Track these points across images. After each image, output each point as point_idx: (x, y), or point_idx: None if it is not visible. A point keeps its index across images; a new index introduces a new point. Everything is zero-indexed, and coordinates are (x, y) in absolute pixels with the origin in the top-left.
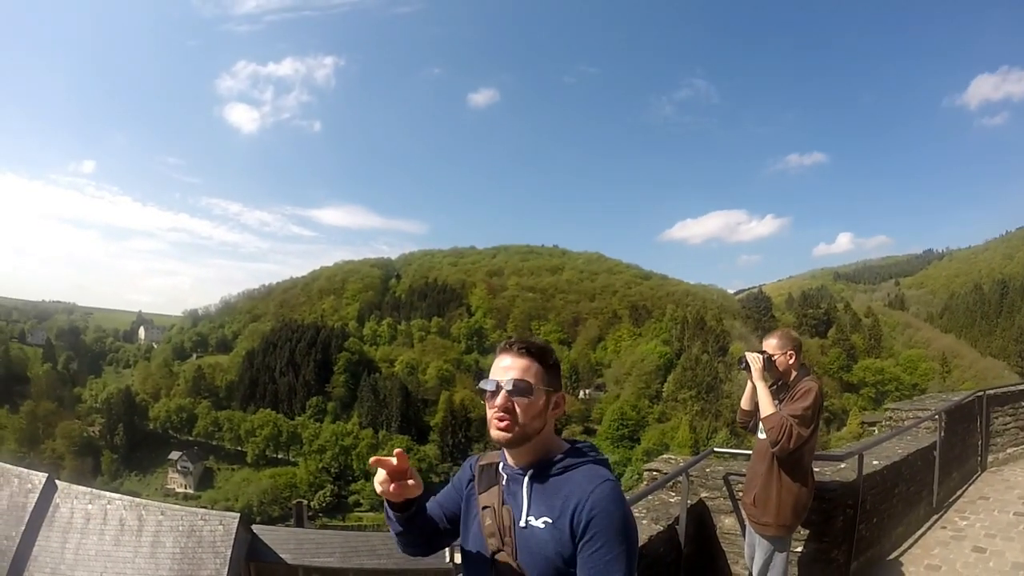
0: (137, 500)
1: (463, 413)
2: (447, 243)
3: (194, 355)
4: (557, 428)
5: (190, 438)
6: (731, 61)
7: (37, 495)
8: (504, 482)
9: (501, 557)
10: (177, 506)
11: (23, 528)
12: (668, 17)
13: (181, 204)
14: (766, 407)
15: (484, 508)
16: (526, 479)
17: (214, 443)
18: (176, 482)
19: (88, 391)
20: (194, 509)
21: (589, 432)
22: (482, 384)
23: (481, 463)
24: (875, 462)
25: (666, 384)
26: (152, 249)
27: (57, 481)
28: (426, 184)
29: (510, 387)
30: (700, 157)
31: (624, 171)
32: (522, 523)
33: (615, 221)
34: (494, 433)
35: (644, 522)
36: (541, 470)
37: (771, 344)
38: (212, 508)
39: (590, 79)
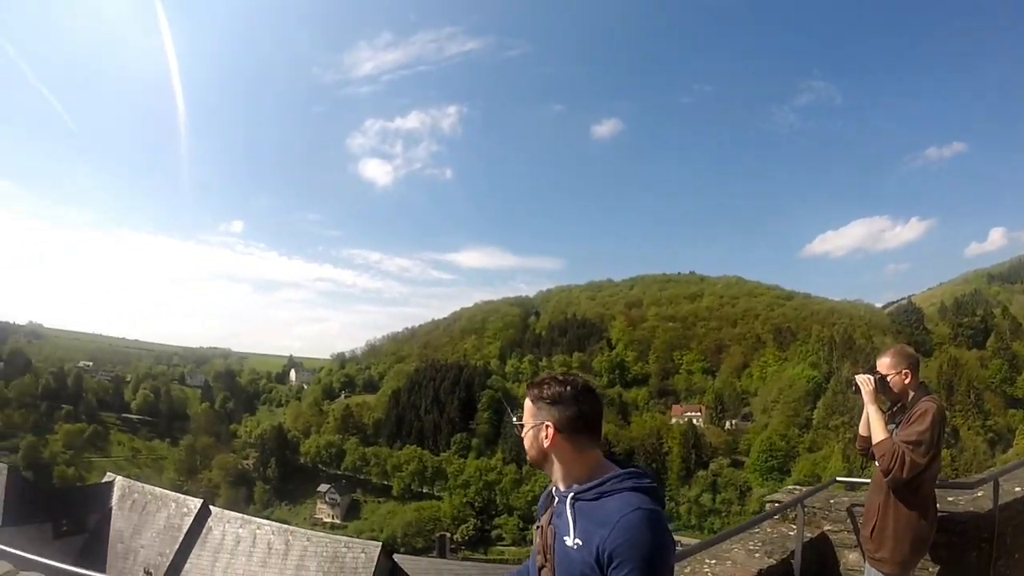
0: (285, 526)
1: (607, 447)
2: (583, 277)
3: (342, 395)
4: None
5: (338, 472)
6: (848, 56)
7: (192, 518)
8: (555, 504)
9: (544, 573)
10: (322, 533)
11: (176, 547)
12: (774, 20)
13: (324, 256)
14: (877, 432)
15: (537, 527)
16: (568, 501)
17: (361, 477)
18: (324, 512)
19: (243, 428)
20: (338, 537)
21: (737, 464)
22: None
23: (549, 488)
24: (1017, 489)
25: (816, 410)
26: (300, 298)
27: (211, 507)
28: (558, 220)
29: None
30: (832, 163)
31: (755, 188)
32: (563, 542)
33: (751, 241)
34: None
35: (757, 555)
36: (580, 493)
37: (884, 363)
38: (343, 537)
39: (707, 97)
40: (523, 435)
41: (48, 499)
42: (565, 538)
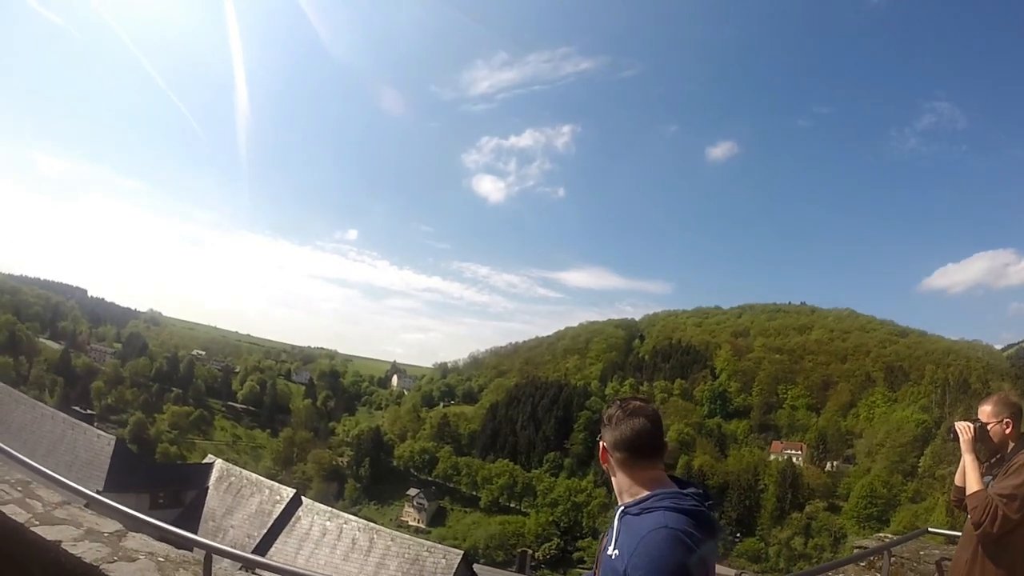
0: (371, 524)
1: (701, 479)
2: (691, 303)
3: (441, 404)
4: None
5: (429, 478)
6: (973, 76)
7: (283, 506)
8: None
9: None
10: (406, 535)
11: (265, 531)
12: (897, 38)
13: (434, 267)
14: (972, 483)
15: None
16: (617, 514)
17: (451, 485)
18: (410, 516)
19: (341, 426)
20: (421, 540)
21: (834, 509)
22: None
23: None
24: None
25: (923, 457)
26: (408, 307)
27: (303, 497)
28: (669, 243)
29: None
30: (955, 191)
31: (873, 215)
32: (606, 551)
33: (867, 272)
34: None
35: None
36: (628, 508)
37: (985, 411)
38: (426, 541)
39: (824, 120)
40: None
41: (149, 472)
42: (608, 548)
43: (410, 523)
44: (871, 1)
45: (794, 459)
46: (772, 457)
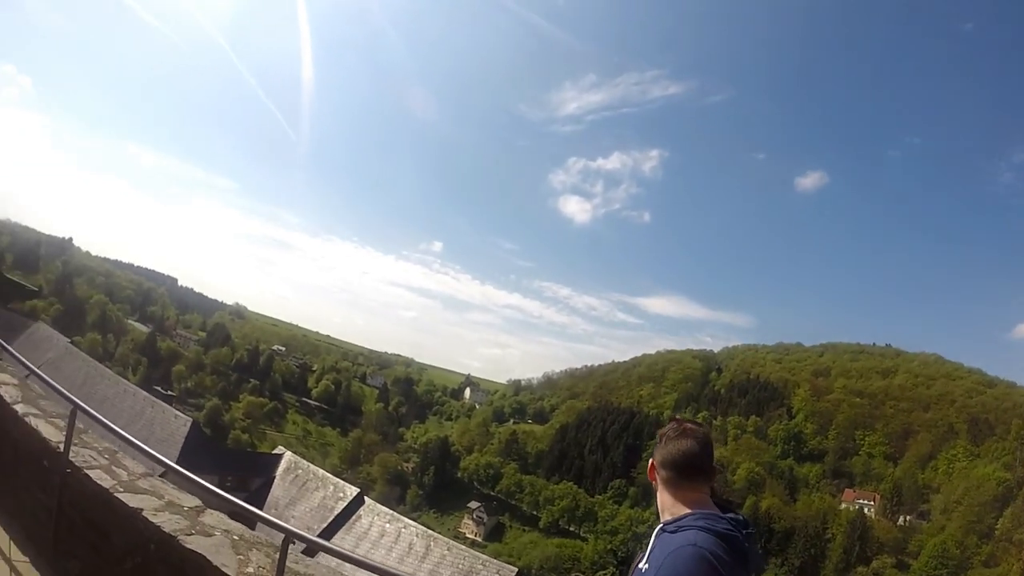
0: (428, 531)
1: (767, 522)
2: (772, 338)
3: (511, 420)
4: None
5: (491, 493)
6: None
7: (345, 503)
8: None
9: None
10: (463, 546)
11: (324, 526)
12: (989, 67)
13: (516, 285)
14: None
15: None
16: (655, 531)
17: (512, 502)
18: (468, 528)
19: (411, 433)
20: (477, 553)
21: (902, 567)
22: None
23: None
24: None
25: (1001, 519)
26: (486, 321)
27: (365, 497)
28: (753, 275)
29: None
30: None
31: (965, 254)
32: (637, 565)
33: (956, 315)
34: None
35: None
36: (665, 525)
37: None
38: (481, 555)
39: (915, 151)
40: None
41: (221, 455)
42: (640, 563)
43: (467, 535)
44: (964, 29)
45: (866, 509)
46: (843, 506)
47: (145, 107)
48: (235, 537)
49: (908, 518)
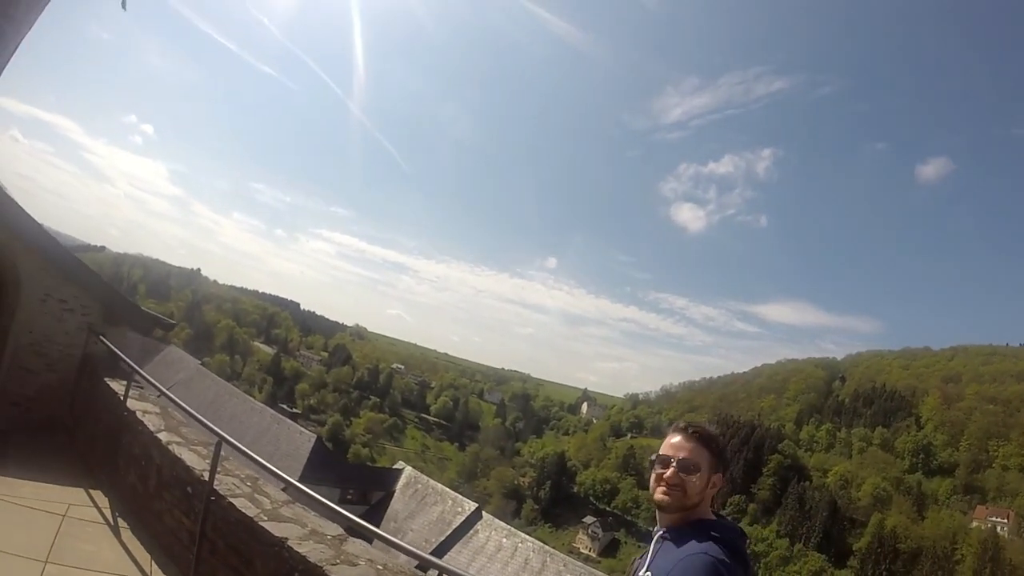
0: (545, 547)
1: (892, 542)
2: (899, 343)
3: (629, 435)
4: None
5: (607, 508)
6: None
7: (464, 517)
8: (652, 541)
9: None
10: (579, 563)
11: (442, 539)
12: None
13: (631, 297)
14: None
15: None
16: (656, 536)
17: (628, 518)
18: (583, 544)
19: (527, 447)
20: (594, 571)
21: None
22: (654, 456)
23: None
24: None
25: None
26: (603, 336)
27: (483, 512)
28: (876, 276)
29: (680, 464)
30: None
31: None
32: (635, 573)
33: None
34: (656, 496)
35: None
36: (673, 533)
37: None
38: (599, 572)
39: None
40: (687, 477)
41: (342, 469)
42: (640, 571)
43: (581, 550)
44: None
45: (999, 528)
46: (974, 524)
47: (267, 149)
48: (379, 567)
49: None
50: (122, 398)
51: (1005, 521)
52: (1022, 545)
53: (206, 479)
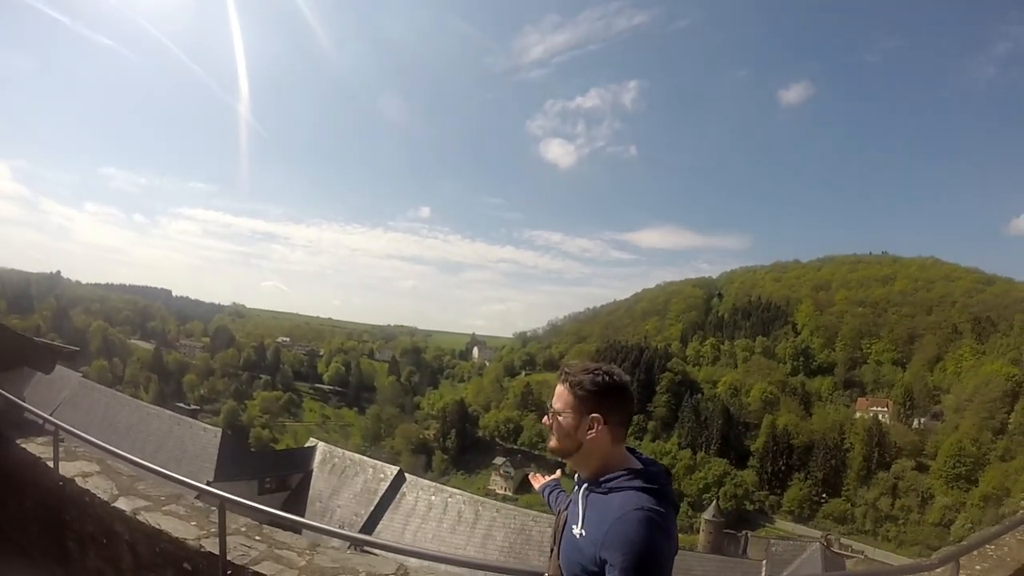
0: (476, 497)
1: (785, 439)
2: (769, 258)
3: (523, 372)
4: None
5: (514, 446)
6: None
7: (388, 483)
8: (574, 491)
9: (552, 556)
10: (511, 506)
11: (372, 509)
12: None
13: (507, 238)
14: None
15: (559, 511)
16: (582, 492)
17: (536, 452)
18: (497, 484)
19: (426, 401)
20: (526, 510)
21: (922, 468)
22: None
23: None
24: (977, 567)
25: (1013, 414)
26: (484, 279)
27: (406, 474)
28: (743, 196)
29: (552, 411)
30: None
31: (953, 155)
32: (571, 530)
33: (949, 217)
34: (548, 446)
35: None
36: (593, 485)
37: None
38: (530, 511)
39: (893, 54)
40: (556, 422)
41: (255, 459)
42: (573, 527)
43: (497, 491)
44: None
45: (880, 416)
46: (858, 415)
47: (103, 124)
48: None
49: (922, 421)
50: (51, 464)
51: (885, 409)
52: (903, 429)
53: (207, 549)
